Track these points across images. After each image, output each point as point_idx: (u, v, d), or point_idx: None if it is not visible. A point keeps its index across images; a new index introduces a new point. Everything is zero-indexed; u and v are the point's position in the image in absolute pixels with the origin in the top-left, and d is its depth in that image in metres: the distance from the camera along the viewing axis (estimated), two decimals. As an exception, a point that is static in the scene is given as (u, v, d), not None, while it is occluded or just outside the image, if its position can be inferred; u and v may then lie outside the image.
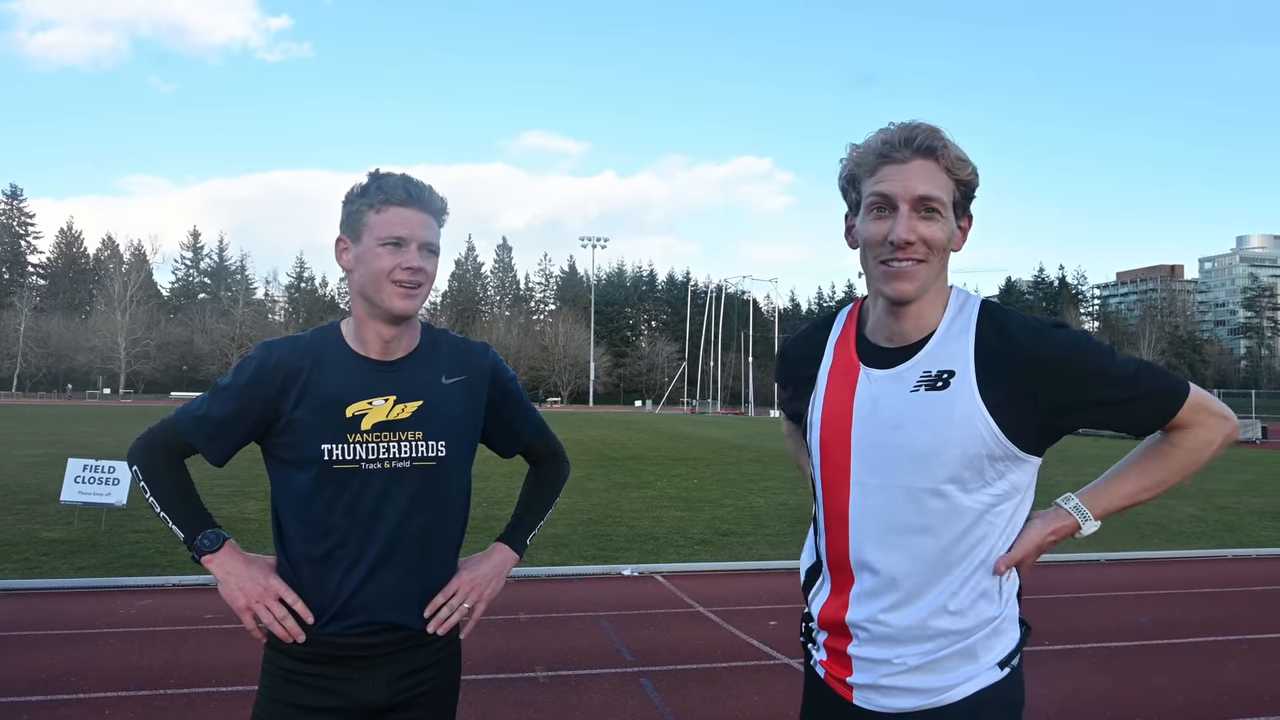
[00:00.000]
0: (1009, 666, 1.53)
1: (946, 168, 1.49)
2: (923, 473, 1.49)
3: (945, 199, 1.49)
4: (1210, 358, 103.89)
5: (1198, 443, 1.53)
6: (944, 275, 1.56)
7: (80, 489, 8.07)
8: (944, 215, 1.49)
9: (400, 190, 1.76)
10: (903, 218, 1.48)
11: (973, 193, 1.54)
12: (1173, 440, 1.55)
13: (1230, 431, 1.55)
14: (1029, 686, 1.59)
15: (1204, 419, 1.52)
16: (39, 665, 4.70)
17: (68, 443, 20.50)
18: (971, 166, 1.52)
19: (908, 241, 1.48)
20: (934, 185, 1.48)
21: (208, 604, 5.92)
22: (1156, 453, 1.57)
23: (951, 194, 1.50)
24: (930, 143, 1.49)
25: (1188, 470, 1.56)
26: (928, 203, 1.48)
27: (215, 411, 1.83)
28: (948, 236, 1.51)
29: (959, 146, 1.52)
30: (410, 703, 1.82)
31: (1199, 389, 1.54)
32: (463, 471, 1.89)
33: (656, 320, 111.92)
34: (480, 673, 4.63)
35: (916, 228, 1.48)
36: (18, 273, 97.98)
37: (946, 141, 1.50)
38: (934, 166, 1.49)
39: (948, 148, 1.50)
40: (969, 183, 1.52)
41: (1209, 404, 1.53)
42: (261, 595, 1.77)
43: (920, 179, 1.48)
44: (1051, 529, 1.55)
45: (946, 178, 1.49)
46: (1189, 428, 1.52)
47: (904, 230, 1.48)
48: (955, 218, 1.52)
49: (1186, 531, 10.08)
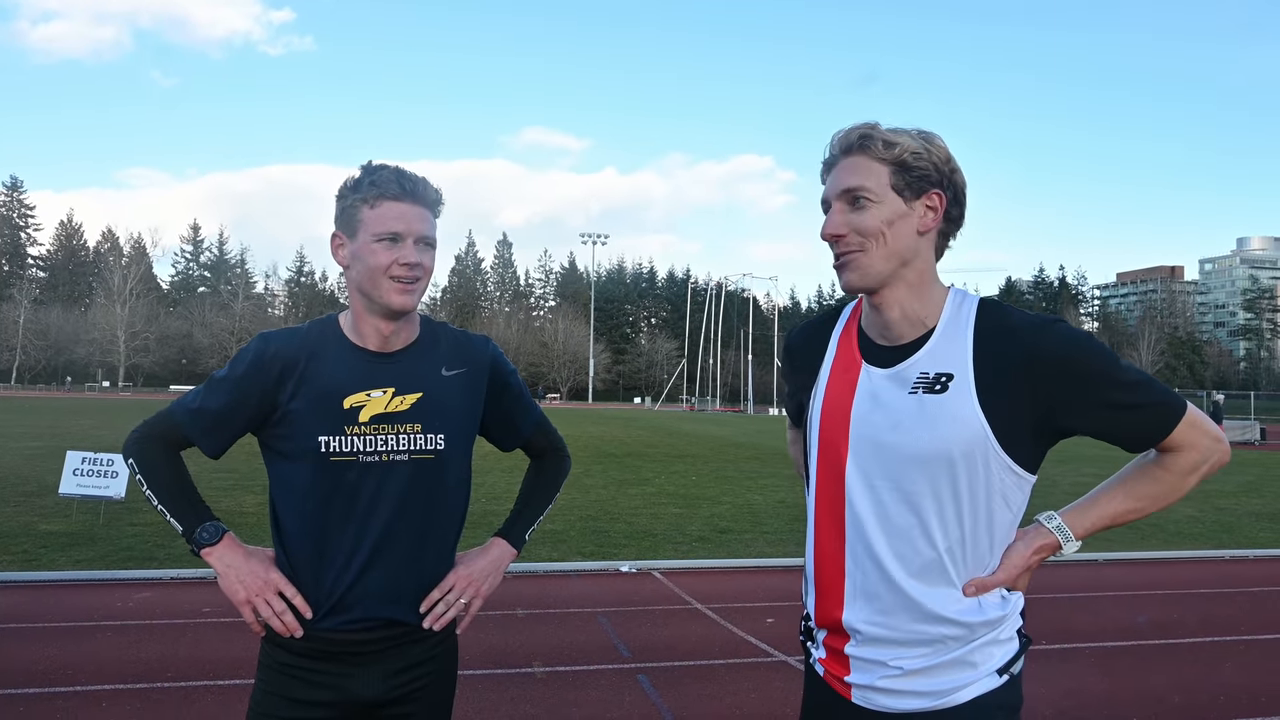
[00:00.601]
0: (1008, 674, 1.52)
1: (876, 157, 1.50)
2: (918, 475, 1.48)
3: (874, 185, 1.50)
4: (1210, 359, 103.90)
5: (1189, 465, 1.52)
6: (919, 265, 1.53)
7: (79, 481, 8.07)
8: (875, 200, 1.50)
9: (394, 184, 1.74)
10: (831, 214, 1.54)
11: (919, 169, 1.50)
12: (1163, 462, 1.53)
13: (1221, 456, 1.53)
14: (1026, 686, 1.58)
15: (1197, 440, 1.50)
16: (36, 657, 4.70)
17: (66, 435, 20.49)
18: (905, 144, 1.50)
19: (836, 235, 1.53)
20: (859, 176, 1.51)
21: (205, 597, 5.92)
22: (1145, 474, 1.55)
23: (886, 178, 1.50)
24: (851, 139, 1.52)
25: (1175, 494, 1.54)
26: (853, 194, 1.51)
27: (211, 403, 1.82)
28: (885, 220, 1.50)
29: (901, 130, 1.51)
30: (406, 698, 1.81)
31: (1195, 408, 1.52)
32: (461, 465, 1.88)
33: (656, 317, 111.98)
34: (477, 668, 4.63)
35: (847, 219, 1.52)
36: (17, 265, 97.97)
37: (874, 133, 1.51)
38: (861, 159, 1.51)
39: (873, 138, 1.50)
40: (904, 161, 1.50)
41: (1204, 425, 1.52)
42: (261, 589, 1.76)
43: (846, 173, 1.52)
44: (1034, 548, 1.53)
45: (878, 165, 1.50)
46: (1181, 449, 1.51)
47: (828, 226, 1.54)
48: (905, 198, 1.51)
49: (1185, 532, 10.09)
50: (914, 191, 1.51)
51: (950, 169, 1.53)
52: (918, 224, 1.52)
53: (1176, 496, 1.55)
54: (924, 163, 1.51)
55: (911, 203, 1.52)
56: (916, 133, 1.53)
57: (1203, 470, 1.53)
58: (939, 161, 1.52)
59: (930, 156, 1.51)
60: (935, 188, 1.52)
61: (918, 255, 1.53)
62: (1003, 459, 1.47)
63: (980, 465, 1.46)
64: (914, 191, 1.51)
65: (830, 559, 1.57)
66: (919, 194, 1.52)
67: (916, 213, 1.52)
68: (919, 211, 1.52)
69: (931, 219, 1.53)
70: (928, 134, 1.54)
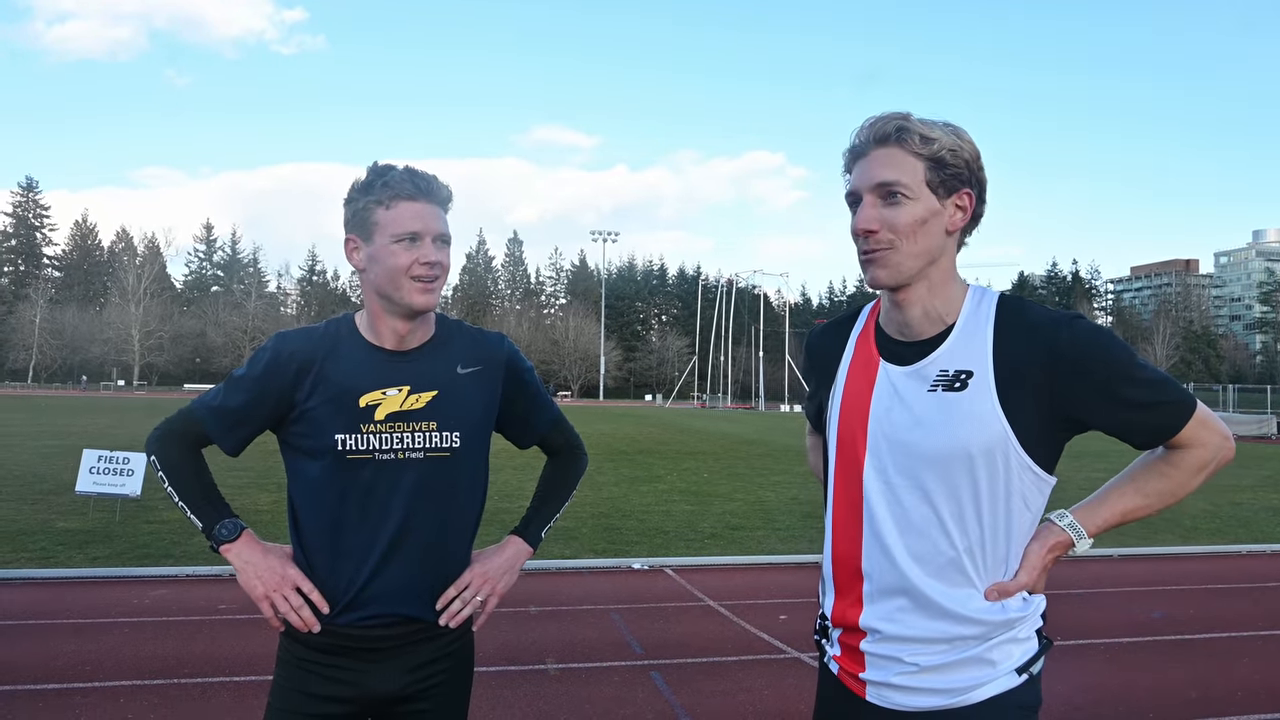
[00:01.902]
0: (1027, 674, 1.50)
1: (912, 151, 1.47)
2: (936, 474, 1.46)
3: (910, 181, 1.46)
4: (1225, 353, 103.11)
5: (1197, 463, 1.51)
6: (944, 263, 1.52)
7: (95, 480, 8.14)
8: (910, 197, 1.47)
9: (408, 184, 1.75)
10: (863, 208, 1.49)
11: (955, 166, 1.48)
12: (1172, 459, 1.52)
13: (1227, 454, 1.53)
14: (1041, 681, 1.57)
15: (1205, 438, 1.50)
16: (54, 653, 4.75)
17: (82, 434, 20.66)
18: (942, 141, 1.47)
19: (868, 230, 1.48)
20: (894, 170, 1.47)
21: (221, 594, 5.97)
22: (1154, 471, 1.54)
23: (921, 174, 1.47)
24: (887, 129, 1.48)
25: (1183, 491, 1.54)
26: (888, 188, 1.47)
27: (230, 402, 1.83)
28: (919, 218, 1.47)
29: (933, 124, 1.48)
30: (422, 694, 1.82)
31: (1204, 406, 1.51)
32: (477, 463, 1.88)
33: (667, 315, 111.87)
34: (491, 665, 4.64)
35: (880, 215, 1.48)
36: (33, 265, 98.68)
37: (910, 125, 1.47)
38: (897, 151, 1.47)
39: (910, 130, 1.47)
40: (941, 158, 1.47)
41: (1213, 423, 1.51)
42: (279, 584, 1.77)
43: (880, 166, 1.48)
44: (1049, 547, 1.52)
45: (914, 160, 1.47)
46: (1190, 447, 1.50)
47: (861, 220, 1.49)
48: (939, 196, 1.48)
49: (1200, 527, 10.03)
50: (947, 190, 1.49)
51: (979, 167, 1.51)
52: (947, 223, 1.50)
53: (1184, 493, 1.54)
54: (959, 160, 1.48)
55: (944, 201, 1.49)
56: (948, 127, 1.50)
57: (1210, 468, 1.52)
58: (970, 159, 1.49)
59: (963, 154, 1.48)
60: (966, 186, 1.50)
61: (944, 254, 1.52)
62: (1022, 458, 1.45)
63: (1000, 465, 1.45)
64: (947, 190, 1.49)
65: (848, 557, 1.56)
66: (951, 192, 1.49)
67: (947, 211, 1.50)
68: (949, 210, 1.50)
69: (960, 218, 1.51)
70: (957, 129, 1.51)
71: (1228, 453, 1.53)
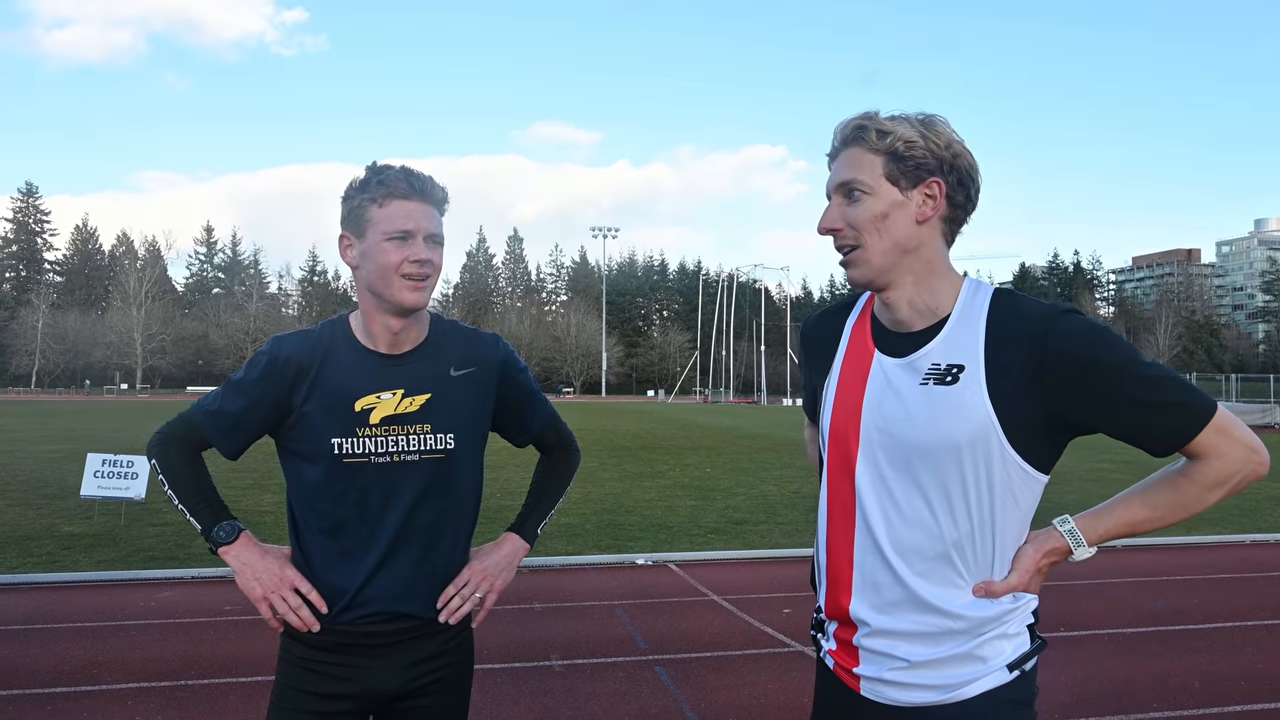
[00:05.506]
0: (1019, 670, 1.49)
1: (870, 147, 1.49)
2: (926, 467, 1.46)
3: (866, 177, 1.48)
4: (1228, 342, 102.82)
5: (1217, 476, 1.42)
6: (925, 254, 1.51)
7: (99, 483, 8.16)
8: (868, 192, 1.48)
9: (402, 183, 1.77)
10: (827, 209, 1.54)
11: (914, 158, 1.47)
12: (1187, 471, 1.45)
13: (1256, 468, 1.42)
14: (1042, 672, 1.57)
15: (1227, 448, 1.41)
16: (62, 657, 4.77)
17: (86, 438, 20.69)
18: (898, 133, 1.47)
19: (830, 229, 1.53)
20: (853, 169, 1.50)
21: (226, 596, 5.99)
22: (1166, 482, 1.48)
23: (879, 169, 1.48)
24: (848, 131, 1.51)
25: (1197, 507, 1.46)
26: (848, 186, 1.51)
27: (229, 406, 1.85)
28: (879, 212, 1.48)
29: (900, 118, 1.49)
30: (423, 690, 1.84)
31: (1229, 412, 1.42)
32: (472, 463, 1.90)
33: (668, 310, 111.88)
34: (495, 661, 4.66)
35: (843, 213, 1.51)
36: (34, 270, 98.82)
37: (869, 123, 1.49)
38: (856, 150, 1.50)
39: (867, 129, 1.48)
40: (896, 150, 1.47)
41: (1237, 433, 1.41)
42: (277, 585, 1.79)
43: (842, 167, 1.52)
44: (1044, 551, 1.49)
45: (872, 156, 1.49)
46: (1209, 457, 1.42)
47: (823, 220, 1.54)
48: (900, 187, 1.48)
49: (1204, 517, 10.00)
50: (910, 180, 1.49)
51: (952, 154, 1.49)
52: (915, 213, 1.50)
53: (1198, 509, 1.46)
54: (919, 150, 1.47)
55: (908, 192, 1.49)
56: (917, 118, 1.50)
57: (1233, 483, 1.43)
58: (937, 148, 1.48)
59: (927, 143, 1.48)
60: (933, 175, 1.49)
61: (921, 245, 1.51)
62: (1009, 454, 1.44)
63: (983, 456, 1.44)
64: (910, 180, 1.49)
65: (840, 549, 1.56)
66: (916, 182, 1.49)
67: (914, 202, 1.49)
68: (916, 200, 1.49)
69: (930, 207, 1.50)
70: (929, 118, 1.50)
71: (1256, 467, 1.43)
